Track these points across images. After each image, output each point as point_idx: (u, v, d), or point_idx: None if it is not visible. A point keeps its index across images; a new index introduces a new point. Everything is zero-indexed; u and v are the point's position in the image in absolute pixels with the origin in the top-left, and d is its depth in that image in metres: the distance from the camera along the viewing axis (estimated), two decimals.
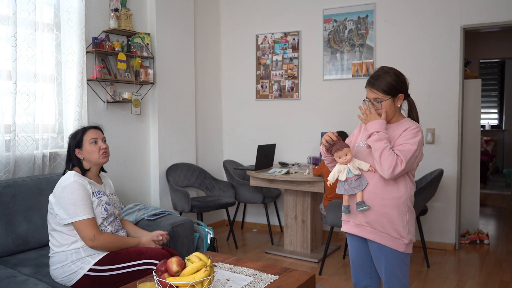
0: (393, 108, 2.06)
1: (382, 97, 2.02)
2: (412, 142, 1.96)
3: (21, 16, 2.94)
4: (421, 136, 2.00)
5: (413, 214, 2.08)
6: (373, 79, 2.06)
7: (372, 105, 2.05)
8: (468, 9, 4.00)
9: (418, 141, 1.97)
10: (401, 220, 2.00)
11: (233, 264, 2.28)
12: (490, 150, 8.64)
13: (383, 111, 2.03)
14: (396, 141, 2.00)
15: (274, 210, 4.99)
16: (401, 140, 1.98)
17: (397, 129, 2.04)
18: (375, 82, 2.03)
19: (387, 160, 1.93)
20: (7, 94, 2.89)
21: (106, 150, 2.42)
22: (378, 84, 2.02)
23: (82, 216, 2.22)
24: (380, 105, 2.04)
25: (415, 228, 2.23)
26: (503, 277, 3.48)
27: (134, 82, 3.84)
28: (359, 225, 2.09)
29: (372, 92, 2.05)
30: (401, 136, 1.99)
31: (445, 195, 4.18)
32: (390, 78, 2.02)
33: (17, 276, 2.10)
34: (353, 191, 2.04)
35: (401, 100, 2.07)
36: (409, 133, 1.98)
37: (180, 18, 4.40)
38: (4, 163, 2.87)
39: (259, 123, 5.05)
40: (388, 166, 1.92)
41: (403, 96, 2.07)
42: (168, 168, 4.23)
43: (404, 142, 1.97)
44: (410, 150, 1.95)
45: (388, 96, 2.02)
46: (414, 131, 1.99)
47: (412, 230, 2.04)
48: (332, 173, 2.07)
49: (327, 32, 4.60)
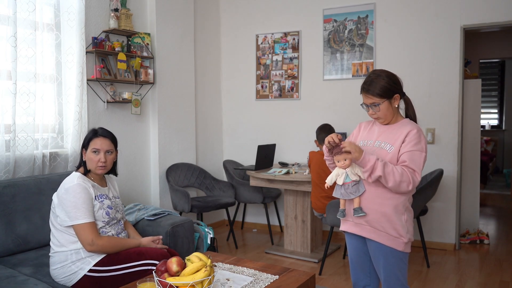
0: (391, 110, 2.07)
1: (379, 101, 2.04)
2: (419, 148, 1.98)
3: (21, 16, 2.94)
4: (424, 138, 2.02)
5: (412, 214, 2.09)
6: (366, 84, 2.07)
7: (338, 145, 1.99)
8: (468, 9, 4.00)
9: (423, 146, 2.00)
10: (400, 220, 2.01)
11: (233, 264, 2.28)
12: (490, 150, 8.64)
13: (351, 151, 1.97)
14: (401, 148, 2.00)
15: (274, 210, 4.99)
16: (407, 147, 1.98)
17: (398, 131, 2.05)
18: (369, 88, 2.05)
19: (404, 178, 1.93)
20: (7, 94, 2.89)
21: (104, 164, 2.37)
22: (372, 89, 2.04)
23: (82, 219, 2.22)
24: (378, 108, 2.05)
25: (416, 228, 2.24)
26: (503, 277, 3.48)
27: (134, 82, 3.84)
28: (358, 224, 2.10)
29: (368, 97, 2.06)
30: (405, 142, 2.00)
31: (445, 195, 4.18)
32: (383, 81, 2.03)
33: (17, 276, 2.10)
34: (349, 196, 2.04)
35: (398, 101, 2.08)
36: (413, 138, 1.99)
37: (180, 18, 4.40)
38: (4, 163, 2.87)
39: (259, 123, 5.05)
40: (407, 183, 1.94)
41: (399, 96, 2.08)
42: (168, 168, 4.23)
43: (411, 150, 1.97)
44: (421, 158, 1.98)
45: (384, 99, 2.04)
46: (417, 135, 2.00)
47: (410, 229, 2.05)
48: (330, 176, 2.07)
49: (327, 32, 4.60)
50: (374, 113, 2.08)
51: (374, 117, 2.11)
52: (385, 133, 2.09)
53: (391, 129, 2.08)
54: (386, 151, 2.03)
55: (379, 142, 2.08)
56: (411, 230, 2.06)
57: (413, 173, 1.95)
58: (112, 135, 2.46)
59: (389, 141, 2.05)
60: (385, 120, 2.10)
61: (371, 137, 2.14)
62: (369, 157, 1.94)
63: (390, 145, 2.03)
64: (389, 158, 2.01)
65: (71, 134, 3.29)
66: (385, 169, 1.92)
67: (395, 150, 2.01)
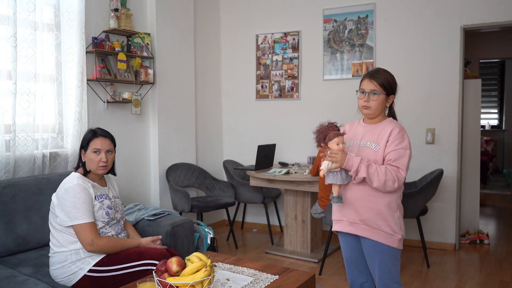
0: (383, 106, 2.12)
1: (380, 91, 2.08)
2: (403, 146, 2.03)
3: (21, 16, 2.94)
4: (407, 137, 2.08)
5: (402, 211, 2.15)
6: (373, 72, 2.13)
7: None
8: (468, 9, 4.00)
9: (407, 144, 2.05)
10: (393, 217, 2.06)
11: (233, 264, 2.28)
12: (490, 150, 8.64)
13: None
14: (386, 148, 2.04)
15: (274, 210, 4.99)
16: (391, 147, 2.03)
17: (383, 130, 2.09)
18: (376, 75, 2.10)
19: (388, 177, 1.97)
20: (7, 94, 2.89)
21: (105, 164, 2.37)
22: (378, 77, 2.09)
23: (82, 220, 2.22)
24: (376, 97, 2.07)
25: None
26: (503, 277, 3.48)
27: (134, 82, 3.84)
28: (353, 223, 2.13)
29: (371, 83, 2.09)
30: (388, 142, 2.04)
31: (445, 195, 4.18)
32: (389, 77, 2.11)
33: (17, 276, 2.10)
34: (347, 180, 2.06)
35: (391, 101, 2.15)
36: (396, 138, 2.04)
37: (180, 18, 4.40)
38: (4, 163, 2.87)
39: (259, 123, 5.05)
40: (392, 181, 1.98)
41: (393, 98, 2.15)
42: (168, 168, 4.23)
43: (395, 149, 2.03)
44: (405, 155, 2.03)
45: (384, 91, 2.09)
46: (400, 134, 2.05)
47: (402, 226, 2.11)
48: (326, 162, 2.01)
49: (327, 32, 4.60)
50: (368, 101, 2.09)
51: (365, 106, 2.11)
52: (370, 133, 2.13)
53: (376, 129, 2.12)
54: (372, 150, 2.08)
55: (364, 142, 2.12)
56: (403, 227, 2.11)
57: (397, 171, 1.99)
58: (111, 134, 2.47)
59: (374, 140, 2.09)
60: (373, 114, 2.12)
61: (356, 137, 2.18)
62: (352, 161, 1.98)
63: (375, 144, 2.08)
64: (376, 157, 2.05)
65: (71, 134, 3.29)
66: (369, 170, 1.98)
67: (381, 149, 2.05)
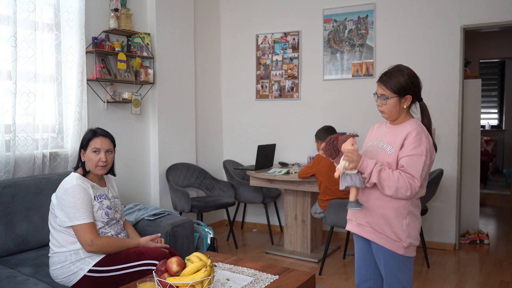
0: (397, 108, 2.02)
1: (389, 95, 2.00)
2: (418, 152, 1.91)
3: (21, 16, 2.94)
4: (426, 142, 1.93)
5: (417, 219, 2.02)
6: (385, 75, 2.04)
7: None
8: (468, 9, 4.00)
9: (423, 149, 1.91)
10: (400, 223, 1.97)
11: (233, 264, 2.28)
12: (490, 150, 8.65)
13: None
14: (400, 152, 1.95)
15: (274, 210, 4.99)
16: (406, 151, 1.92)
17: (401, 131, 1.99)
18: (386, 79, 2.01)
19: (400, 184, 1.88)
20: (7, 94, 2.89)
21: (105, 164, 2.37)
22: (388, 82, 2.00)
23: (81, 220, 2.21)
24: (386, 102, 2.01)
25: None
26: (503, 277, 3.48)
27: (134, 82, 3.84)
28: (360, 225, 2.08)
29: (381, 88, 2.03)
30: (404, 146, 1.94)
31: (445, 195, 4.18)
32: (401, 78, 1.99)
33: (17, 276, 2.10)
34: (364, 184, 1.95)
35: (409, 102, 2.01)
36: (412, 141, 1.92)
37: (180, 18, 4.40)
38: (4, 163, 2.87)
39: (259, 123, 5.05)
40: (405, 189, 1.88)
41: (411, 98, 2.01)
42: (168, 168, 4.23)
43: (409, 154, 1.91)
44: (419, 162, 1.90)
45: (395, 95, 1.99)
46: (417, 138, 1.92)
47: (413, 234, 1.99)
48: (342, 162, 1.93)
49: (327, 32, 4.60)
50: (380, 105, 2.05)
51: (380, 109, 2.07)
52: (389, 134, 2.05)
53: (396, 130, 2.03)
54: (386, 152, 1.99)
55: (382, 143, 2.04)
56: (413, 235, 1.99)
57: (412, 179, 1.89)
58: (110, 134, 2.47)
59: (391, 142, 2.00)
60: (389, 117, 2.05)
61: (377, 137, 2.11)
62: (366, 163, 1.90)
63: (390, 146, 1.99)
64: (390, 160, 1.96)
65: (71, 134, 3.30)
66: (381, 176, 1.89)
67: (395, 152, 1.96)
